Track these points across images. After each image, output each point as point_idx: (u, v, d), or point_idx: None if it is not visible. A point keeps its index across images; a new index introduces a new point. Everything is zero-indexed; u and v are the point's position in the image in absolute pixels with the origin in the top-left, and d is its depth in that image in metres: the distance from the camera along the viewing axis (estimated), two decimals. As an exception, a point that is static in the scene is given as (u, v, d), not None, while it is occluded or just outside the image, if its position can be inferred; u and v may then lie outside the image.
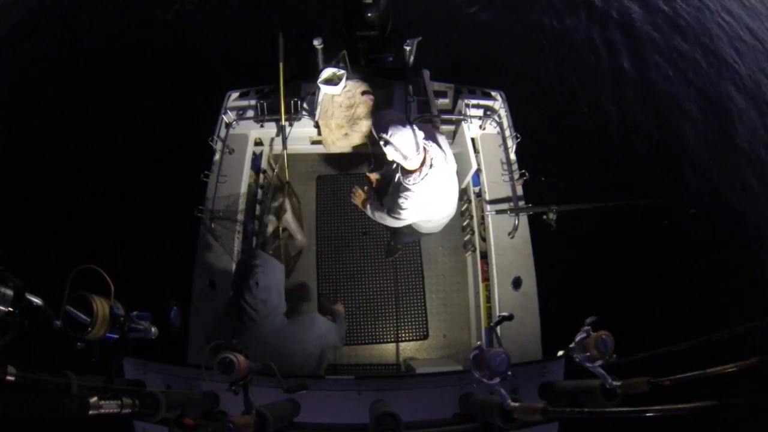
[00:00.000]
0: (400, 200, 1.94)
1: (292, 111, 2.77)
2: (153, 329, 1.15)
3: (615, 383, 1.04)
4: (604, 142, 4.67)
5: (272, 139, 2.98)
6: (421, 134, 1.79)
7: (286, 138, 2.75)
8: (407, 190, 1.91)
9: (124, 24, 5.31)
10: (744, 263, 4.04)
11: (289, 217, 2.78)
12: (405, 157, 1.78)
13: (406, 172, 1.89)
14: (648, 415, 0.76)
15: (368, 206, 2.29)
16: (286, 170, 2.89)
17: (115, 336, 1.02)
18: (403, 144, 1.73)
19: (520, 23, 5.57)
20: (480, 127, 2.75)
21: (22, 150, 4.27)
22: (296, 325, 1.62)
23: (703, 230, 4.12)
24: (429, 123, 2.68)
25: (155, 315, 1.15)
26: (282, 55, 2.39)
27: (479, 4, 5.66)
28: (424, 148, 1.83)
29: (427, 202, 1.97)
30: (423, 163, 1.85)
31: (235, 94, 2.86)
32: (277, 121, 2.72)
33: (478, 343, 1.15)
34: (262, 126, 2.79)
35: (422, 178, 1.86)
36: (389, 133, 1.72)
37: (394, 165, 2.00)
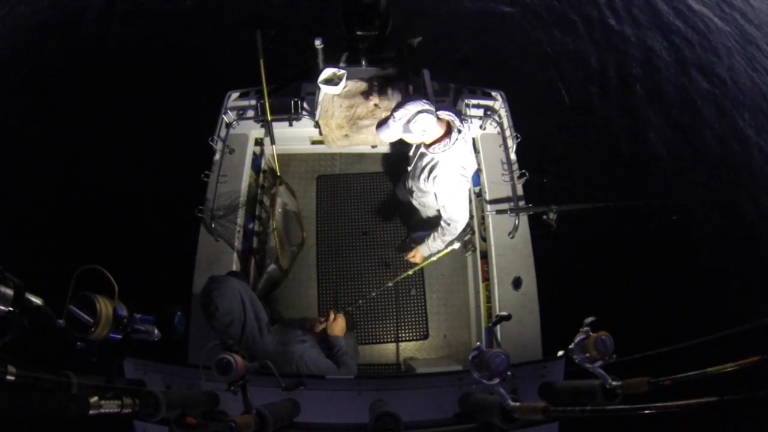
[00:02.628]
0: (439, 181, 1.95)
1: (292, 111, 2.77)
2: (155, 331, 1.15)
3: (615, 383, 1.04)
4: (605, 142, 4.67)
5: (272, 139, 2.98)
6: (431, 104, 1.81)
7: (273, 135, 2.73)
8: (436, 164, 1.93)
9: (124, 24, 5.31)
10: (745, 263, 4.03)
11: (281, 215, 2.78)
12: (424, 130, 1.81)
13: (430, 145, 1.90)
14: (648, 412, 0.76)
15: (428, 245, 2.31)
16: (277, 166, 2.86)
17: (119, 336, 1.02)
18: (417, 117, 1.76)
19: (520, 23, 5.57)
20: (480, 127, 2.75)
21: (24, 150, 4.27)
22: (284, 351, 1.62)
23: (703, 230, 4.12)
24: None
25: (158, 319, 1.15)
26: (261, 53, 2.41)
27: (479, 4, 5.66)
28: (447, 119, 1.87)
29: (465, 169, 1.98)
30: (449, 131, 1.87)
31: (235, 94, 2.86)
32: (263, 120, 2.71)
33: (478, 343, 1.15)
34: (262, 126, 2.79)
35: (453, 143, 1.87)
36: (399, 111, 1.77)
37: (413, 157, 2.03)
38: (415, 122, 1.78)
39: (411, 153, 2.18)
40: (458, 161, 1.94)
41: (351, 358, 1.85)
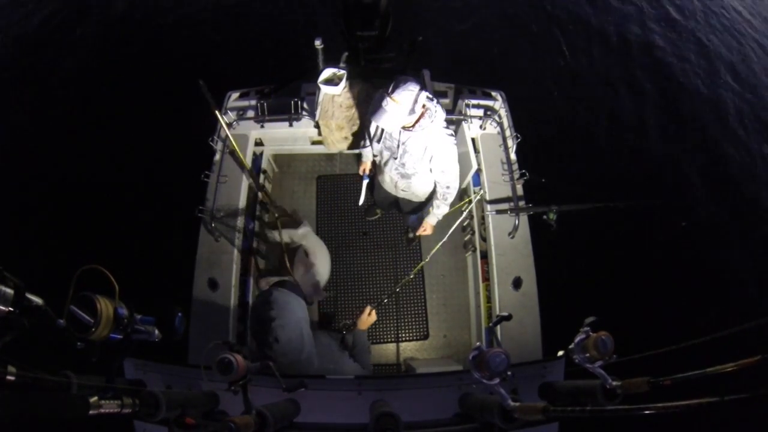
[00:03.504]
0: (437, 154, 1.97)
1: (292, 111, 2.78)
2: (156, 332, 1.15)
3: (615, 383, 1.04)
4: (605, 142, 4.67)
5: (272, 139, 2.98)
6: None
7: (260, 184, 2.65)
8: (429, 142, 1.94)
9: (124, 25, 5.31)
10: (745, 263, 4.03)
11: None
12: (412, 111, 1.80)
13: (415, 124, 1.88)
14: (648, 413, 0.76)
15: (434, 214, 2.31)
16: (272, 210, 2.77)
17: (119, 337, 1.02)
18: (420, 96, 1.77)
19: (520, 23, 5.57)
20: (480, 127, 2.75)
21: (25, 150, 4.27)
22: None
23: (704, 230, 4.12)
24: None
25: (159, 320, 1.14)
26: (212, 102, 2.13)
27: (480, 4, 5.67)
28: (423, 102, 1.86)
29: (448, 126, 1.99)
30: (425, 109, 1.87)
31: (235, 95, 2.86)
32: (263, 120, 2.70)
33: (478, 343, 1.15)
34: (262, 126, 2.79)
35: (436, 112, 1.89)
36: (400, 94, 1.75)
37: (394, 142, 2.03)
38: (418, 102, 1.78)
39: (387, 144, 2.15)
40: (443, 124, 1.97)
41: (368, 354, 1.89)
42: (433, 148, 1.98)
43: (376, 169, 2.47)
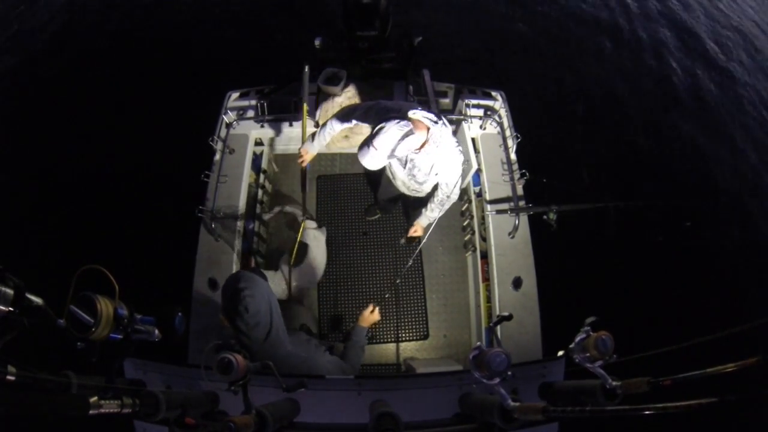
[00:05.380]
0: (443, 172, 1.98)
1: (292, 111, 2.78)
2: (156, 332, 1.15)
3: (615, 383, 1.04)
4: (605, 142, 4.67)
5: (272, 139, 2.98)
6: (403, 119, 1.77)
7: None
8: (435, 162, 1.94)
9: (125, 24, 5.32)
10: (745, 263, 4.03)
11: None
12: (410, 149, 1.79)
13: (421, 147, 1.86)
14: (647, 413, 0.76)
15: (427, 216, 2.30)
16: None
17: (119, 337, 1.02)
18: (399, 145, 1.74)
19: (520, 23, 5.57)
20: (480, 127, 2.75)
21: (25, 150, 4.27)
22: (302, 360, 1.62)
23: (704, 230, 4.12)
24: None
25: (159, 320, 1.15)
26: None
27: (479, 4, 5.67)
28: (417, 119, 1.81)
29: (458, 143, 1.98)
30: (430, 135, 1.83)
31: (235, 94, 2.87)
32: (263, 120, 2.68)
33: (478, 343, 1.15)
34: (262, 126, 2.79)
35: (441, 136, 1.86)
36: (378, 141, 1.74)
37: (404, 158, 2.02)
38: (400, 148, 1.76)
39: (396, 158, 2.12)
40: (451, 143, 1.94)
41: (362, 352, 1.89)
42: (438, 166, 2.00)
43: (384, 168, 2.46)
